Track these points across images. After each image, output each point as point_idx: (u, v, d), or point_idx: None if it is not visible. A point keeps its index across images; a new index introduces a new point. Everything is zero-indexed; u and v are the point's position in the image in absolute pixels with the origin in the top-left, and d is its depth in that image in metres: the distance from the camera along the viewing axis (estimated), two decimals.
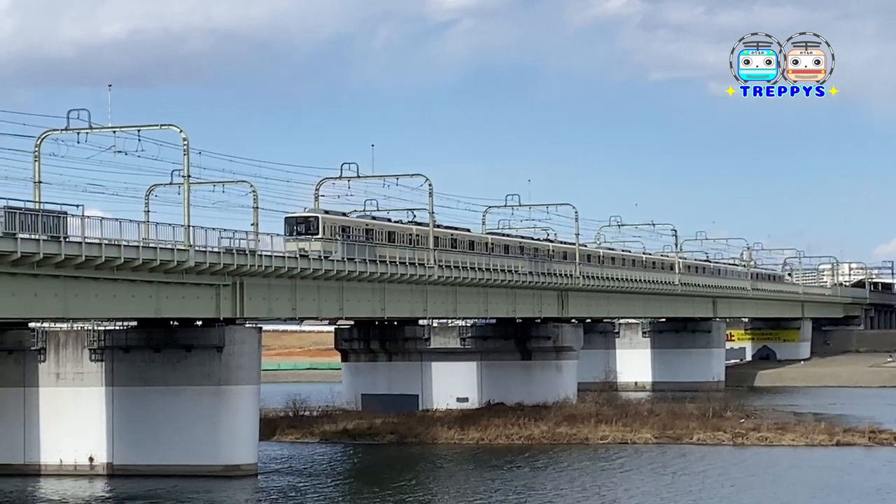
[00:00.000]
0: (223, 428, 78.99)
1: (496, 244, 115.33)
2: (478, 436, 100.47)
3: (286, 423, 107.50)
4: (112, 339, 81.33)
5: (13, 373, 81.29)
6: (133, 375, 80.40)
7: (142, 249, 71.08)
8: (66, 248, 66.05)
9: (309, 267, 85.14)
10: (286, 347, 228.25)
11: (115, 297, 72.25)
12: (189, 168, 76.62)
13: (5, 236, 62.65)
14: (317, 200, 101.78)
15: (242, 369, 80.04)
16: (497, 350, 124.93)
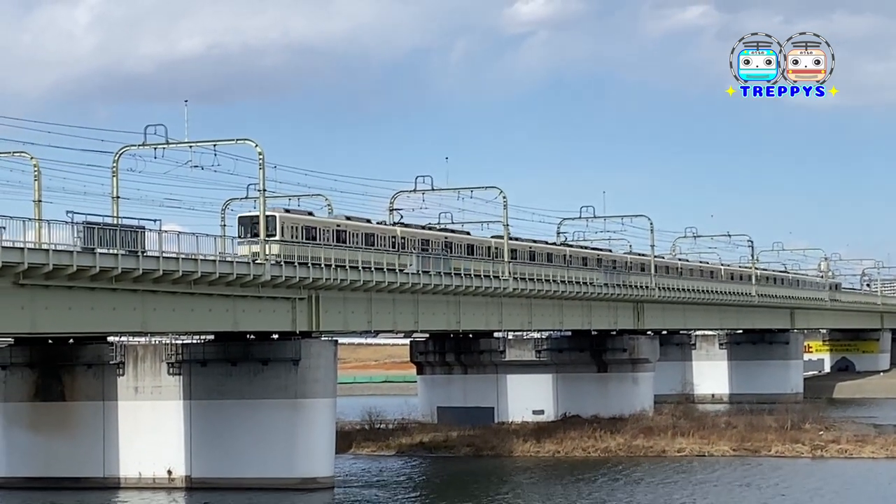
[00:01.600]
0: (300, 441, 79.19)
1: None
2: (554, 448, 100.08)
3: (362, 436, 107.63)
4: (189, 352, 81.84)
5: (92, 387, 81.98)
6: (210, 389, 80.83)
7: (218, 263, 71.53)
8: (144, 263, 66.59)
9: (384, 280, 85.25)
10: (362, 360, 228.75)
11: (192, 311, 72.74)
12: (265, 182, 77.03)
13: (84, 251, 63.23)
14: (391, 213, 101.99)
15: (319, 382, 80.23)
16: (572, 362, 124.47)
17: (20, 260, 59.30)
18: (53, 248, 61.80)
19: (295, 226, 79.89)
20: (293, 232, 79.32)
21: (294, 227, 79.67)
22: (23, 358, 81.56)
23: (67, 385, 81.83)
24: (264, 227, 76.59)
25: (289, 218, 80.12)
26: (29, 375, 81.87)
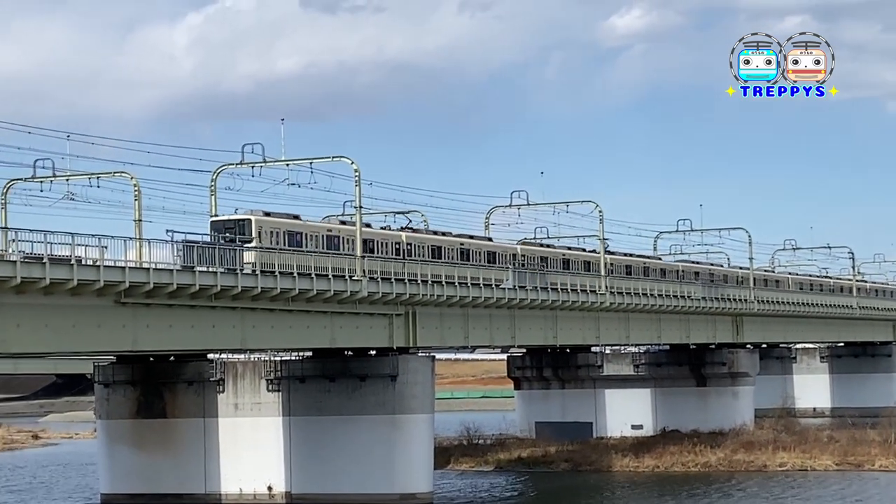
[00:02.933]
0: (398, 456, 79.35)
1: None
2: (653, 463, 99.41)
3: (460, 452, 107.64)
4: (288, 369, 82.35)
5: (193, 404, 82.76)
6: (309, 405, 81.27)
7: (316, 280, 71.98)
8: (243, 281, 67.18)
9: (480, 295, 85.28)
10: (459, 376, 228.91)
11: (290, 328, 73.25)
12: (360, 199, 77.39)
13: (184, 269, 63.96)
14: (487, 229, 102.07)
15: (416, 398, 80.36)
16: (671, 376, 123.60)
17: (121, 279, 60.08)
18: (154, 267, 62.55)
19: (275, 230, 72.87)
20: (273, 237, 72.25)
21: (274, 232, 72.68)
22: (125, 376, 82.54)
23: (169, 402, 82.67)
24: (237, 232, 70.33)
25: (267, 222, 72.80)
26: (131, 393, 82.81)
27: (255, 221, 71.31)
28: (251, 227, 71.14)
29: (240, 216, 71.26)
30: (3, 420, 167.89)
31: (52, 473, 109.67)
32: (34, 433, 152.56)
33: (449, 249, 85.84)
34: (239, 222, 70.84)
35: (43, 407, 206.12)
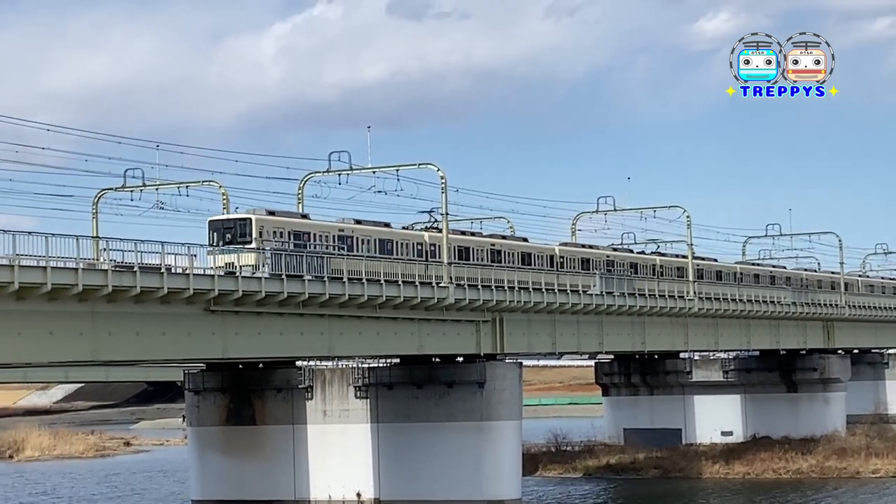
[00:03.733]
0: (487, 463, 79.23)
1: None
2: (744, 470, 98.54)
3: (548, 459, 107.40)
4: (376, 376, 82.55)
5: (282, 411, 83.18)
6: (397, 412, 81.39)
7: (402, 287, 72.07)
8: (331, 288, 67.45)
9: (568, 302, 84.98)
10: (546, 382, 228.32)
11: (378, 335, 73.42)
12: (447, 206, 77.49)
13: (272, 277, 64.32)
14: (574, 235, 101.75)
15: (504, 405, 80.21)
16: (761, 382, 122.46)
17: (211, 287, 60.55)
18: (242, 275, 62.95)
19: (279, 230, 68.17)
20: (277, 237, 67.65)
21: (278, 232, 67.96)
22: (215, 383, 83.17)
23: (258, 409, 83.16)
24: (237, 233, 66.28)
25: (270, 221, 68.06)
26: (221, 400, 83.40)
27: (256, 220, 66.96)
28: (251, 226, 66.74)
29: (239, 215, 67.40)
30: (96, 427, 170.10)
31: (144, 480, 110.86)
32: (126, 440, 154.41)
33: (478, 249, 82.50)
34: (238, 222, 66.69)
35: (134, 414, 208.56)
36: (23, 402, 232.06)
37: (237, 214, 67.24)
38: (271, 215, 68.18)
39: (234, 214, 67.37)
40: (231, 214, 67.42)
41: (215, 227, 67.07)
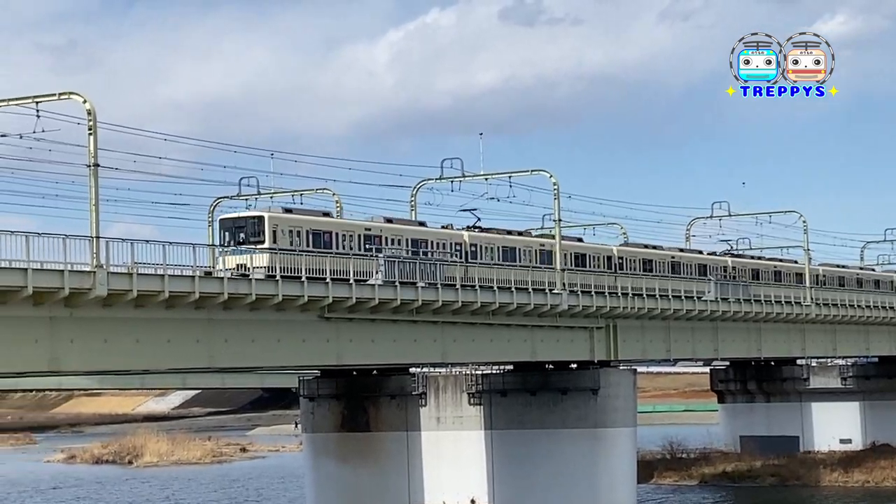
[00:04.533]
0: (601, 470, 78.83)
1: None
2: (863, 478, 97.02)
3: (664, 466, 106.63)
4: (489, 382, 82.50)
5: (396, 417, 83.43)
6: (511, 419, 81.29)
7: (516, 294, 71.95)
8: (444, 295, 67.53)
9: (682, 308, 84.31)
10: (661, 389, 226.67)
11: (491, 342, 73.36)
12: (559, 212, 77.28)
13: (385, 285, 64.56)
14: (688, 241, 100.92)
15: (618, 411, 79.77)
16: (881, 389, 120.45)
17: (325, 294, 60.92)
18: (356, 282, 63.23)
19: (296, 230, 63.12)
20: (293, 237, 62.66)
21: (294, 232, 62.91)
22: (329, 390, 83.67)
23: (372, 416, 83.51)
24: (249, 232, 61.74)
25: (285, 220, 63.20)
26: (335, 406, 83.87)
27: (269, 219, 62.08)
28: (264, 225, 61.79)
29: (251, 213, 62.66)
30: (213, 433, 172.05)
31: (261, 486, 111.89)
32: (242, 446, 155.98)
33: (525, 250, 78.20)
34: (250, 220, 61.84)
35: (250, 420, 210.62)
36: (141, 408, 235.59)
37: (249, 213, 62.98)
38: (288, 213, 64.05)
39: (245, 212, 63.08)
40: (243, 212, 63.22)
41: (226, 226, 62.77)
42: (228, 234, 61.96)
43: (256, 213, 62.57)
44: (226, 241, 61.48)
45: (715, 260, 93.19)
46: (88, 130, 50.76)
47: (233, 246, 60.37)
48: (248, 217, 61.89)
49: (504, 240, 76.14)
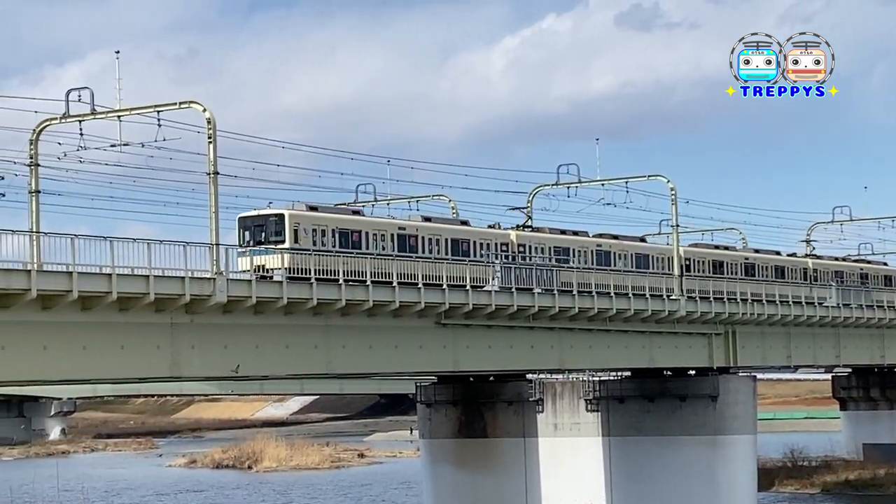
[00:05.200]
0: (721, 478, 77.98)
1: None
2: None
3: (784, 474, 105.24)
4: (607, 389, 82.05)
5: (513, 423, 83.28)
6: (628, 425, 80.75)
7: (633, 300, 71.51)
8: (560, 301, 67.29)
9: (803, 314, 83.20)
10: (781, 396, 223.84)
11: (608, 348, 73.00)
12: (677, 217, 76.71)
13: (502, 291, 64.51)
14: (808, 245, 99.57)
15: (738, 419, 78.86)
16: None
17: (441, 300, 61.01)
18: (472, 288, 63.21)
19: (320, 228, 59.11)
20: (317, 237, 58.72)
21: (318, 231, 58.95)
22: (446, 396, 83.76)
23: (489, 422, 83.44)
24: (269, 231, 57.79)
25: (308, 218, 58.97)
26: (452, 413, 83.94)
27: (290, 217, 57.86)
28: (284, 224, 57.69)
29: (270, 211, 58.11)
30: (331, 438, 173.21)
31: (380, 491, 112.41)
32: (360, 451, 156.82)
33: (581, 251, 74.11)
34: (270, 218, 57.70)
35: (367, 426, 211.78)
36: (260, 413, 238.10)
37: (269, 210, 58.27)
38: (313, 211, 59.69)
39: (265, 210, 58.52)
40: (262, 210, 58.67)
41: (245, 224, 58.49)
42: (248, 234, 58.16)
43: (276, 210, 58.29)
44: (245, 240, 57.59)
45: (794, 261, 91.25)
46: (208, 139, 51.40)
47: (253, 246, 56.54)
48: (268, 215, 57.90)
49: (556, 240, 72.61)
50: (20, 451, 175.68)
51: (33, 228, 50.56)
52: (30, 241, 46.50)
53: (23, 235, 46.06)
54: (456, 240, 65.31)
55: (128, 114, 53.12)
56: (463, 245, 65.64)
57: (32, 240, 46.78)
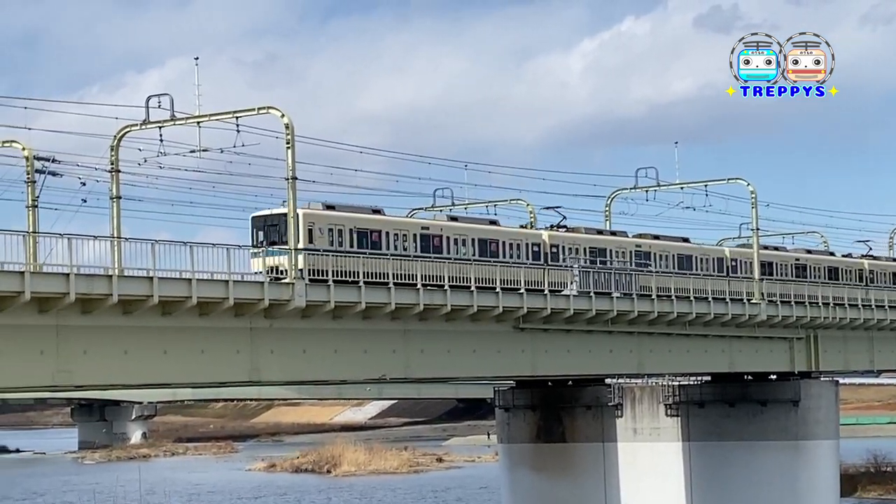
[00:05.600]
0: (802, 484, 77.20)
1: None
2: None
3: (867, 479, 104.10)
4: (686, 394, 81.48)
5: (592, 428, 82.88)
6: (708, 430, 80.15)
7: (713, 304, 70.95)
8: (639, 305, 66.91)
9: (886, 318, 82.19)
10: (864, 401, 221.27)
11: (687, 353, 72.47)
12: (757, 221, 75.99)
13: (580, 295, 64.25)
14: (891, 248, 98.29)
15: (820, 424, 78.05)
16: None
17: (519, 305, 60.84)
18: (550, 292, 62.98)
19: (337, 227, 55.81)
20: (333, 237, 55.55)
21: (336, 230, 55.72)
22: (524, 400, 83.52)
23: (568, 426, 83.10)
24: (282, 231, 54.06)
25: (323, 217, 55.63)
26: (531, 417, 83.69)
27: (304, 216, 54.37)
28: (300, 224, 54.24)
29: (284, 210, 54.16)
30: (409, 443, 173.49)
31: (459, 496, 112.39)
32: (438, 456, 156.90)
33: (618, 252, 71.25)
34: (283, 217, 54.06)
35: (445, 430, 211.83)
36: (338, 417, 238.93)
37: (282, 209, 54.57)
38: (329, 209, 56.34)
39: (278, 209, 55.04)
40: (275, 209, 55.34)
41: (258, 224, 55.49)
42: (262, 234, 55.09)
43: None
44: (258, 241, 54.68)
45: (849, 262, 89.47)
46: (286, 144, 51.57)
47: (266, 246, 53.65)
48: (281, 214, 54.34)
49: (592, 240, 69.77)
50: (102, 455, 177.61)
51: (114, 234, 50.95)
52: (111, 246, 46.91)
53: (104, 241, 46.48)
54: (484, 240, 62.86)
55: (207, 120, 53.43)
56: (491, 245, 63.06)
57: (113, 245, 47.19)
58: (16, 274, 42.19)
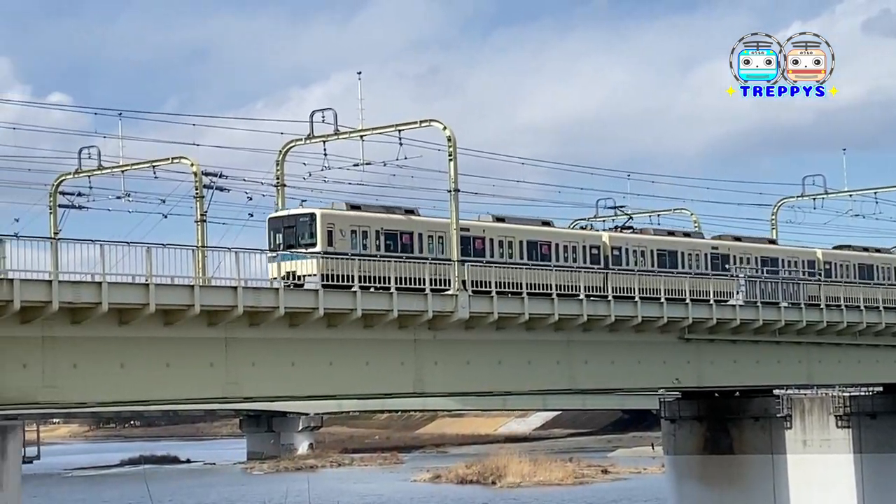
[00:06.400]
0: None
1: None
2: None
3: None
4: (858, 405, 79.81)
5: (760, 440, 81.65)
6: (881, 442, 78.39)
7: (884, 313, 69.52)
8: (807, 315, 65.82)
9: None
10: None
11: (858, 363, 71.09)
12: None
13: (746, 305, 63.42)
14: None
15: None
16: None
17: (685, 315, 60.29)
18: (716, 303, 62.22)
19: (361, 229, 52.08)
20: (357, 239, 51.74)
21: (360, 232, 52.01)
22: (691, 411, 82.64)
23: (735, 438, 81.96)
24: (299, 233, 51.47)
25: (345, 218, 52.07)
26: (697, 429, 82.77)
27: (322, 217, 51.22)
28: (316, 225, 51.15)
29: (301, 210, 51.93)
30: (573, 454, 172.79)
31: None
32: (603, 467, 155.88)
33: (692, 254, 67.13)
34: (300, 219, 51.48)
35: (610, 442, 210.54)
36: (503, 429, 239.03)
37: (300, 210, 52.13)
38: (354, 210, 52.78)
39: (296, 210, 52.40)
40: (293, 210, 52.64)
41: (275, 226, 52.42)
42: (279, 237, 51.99)
43: (308, 210, 52.11)
44: (275, 244, 51.59)
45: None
46: (449, 156, 51.85)
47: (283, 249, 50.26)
48: (299, 215, 51.73)
49: (659, 242, 65.47)
50: (270, 466, 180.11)
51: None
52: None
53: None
54: (533, 242, 58.42)
55: (370, 133, 54.02)
56: (542, 248, 58.73)
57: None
58: (186, 288, 43.07)
